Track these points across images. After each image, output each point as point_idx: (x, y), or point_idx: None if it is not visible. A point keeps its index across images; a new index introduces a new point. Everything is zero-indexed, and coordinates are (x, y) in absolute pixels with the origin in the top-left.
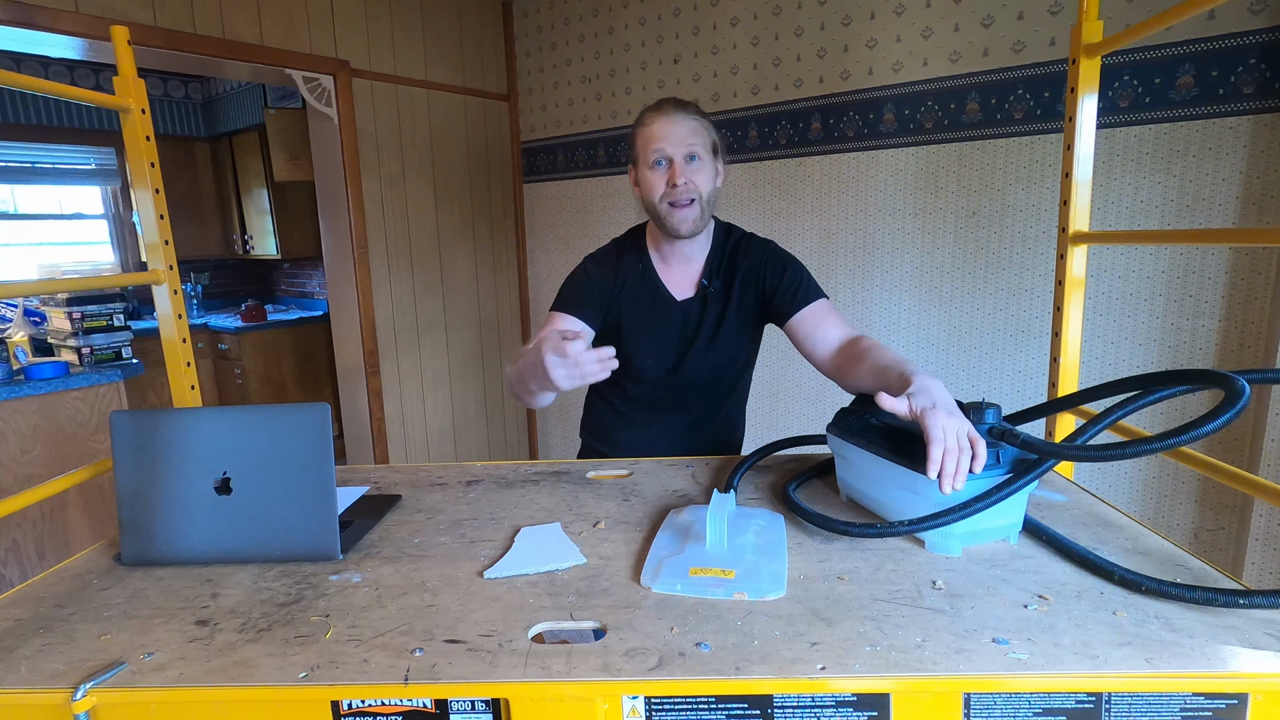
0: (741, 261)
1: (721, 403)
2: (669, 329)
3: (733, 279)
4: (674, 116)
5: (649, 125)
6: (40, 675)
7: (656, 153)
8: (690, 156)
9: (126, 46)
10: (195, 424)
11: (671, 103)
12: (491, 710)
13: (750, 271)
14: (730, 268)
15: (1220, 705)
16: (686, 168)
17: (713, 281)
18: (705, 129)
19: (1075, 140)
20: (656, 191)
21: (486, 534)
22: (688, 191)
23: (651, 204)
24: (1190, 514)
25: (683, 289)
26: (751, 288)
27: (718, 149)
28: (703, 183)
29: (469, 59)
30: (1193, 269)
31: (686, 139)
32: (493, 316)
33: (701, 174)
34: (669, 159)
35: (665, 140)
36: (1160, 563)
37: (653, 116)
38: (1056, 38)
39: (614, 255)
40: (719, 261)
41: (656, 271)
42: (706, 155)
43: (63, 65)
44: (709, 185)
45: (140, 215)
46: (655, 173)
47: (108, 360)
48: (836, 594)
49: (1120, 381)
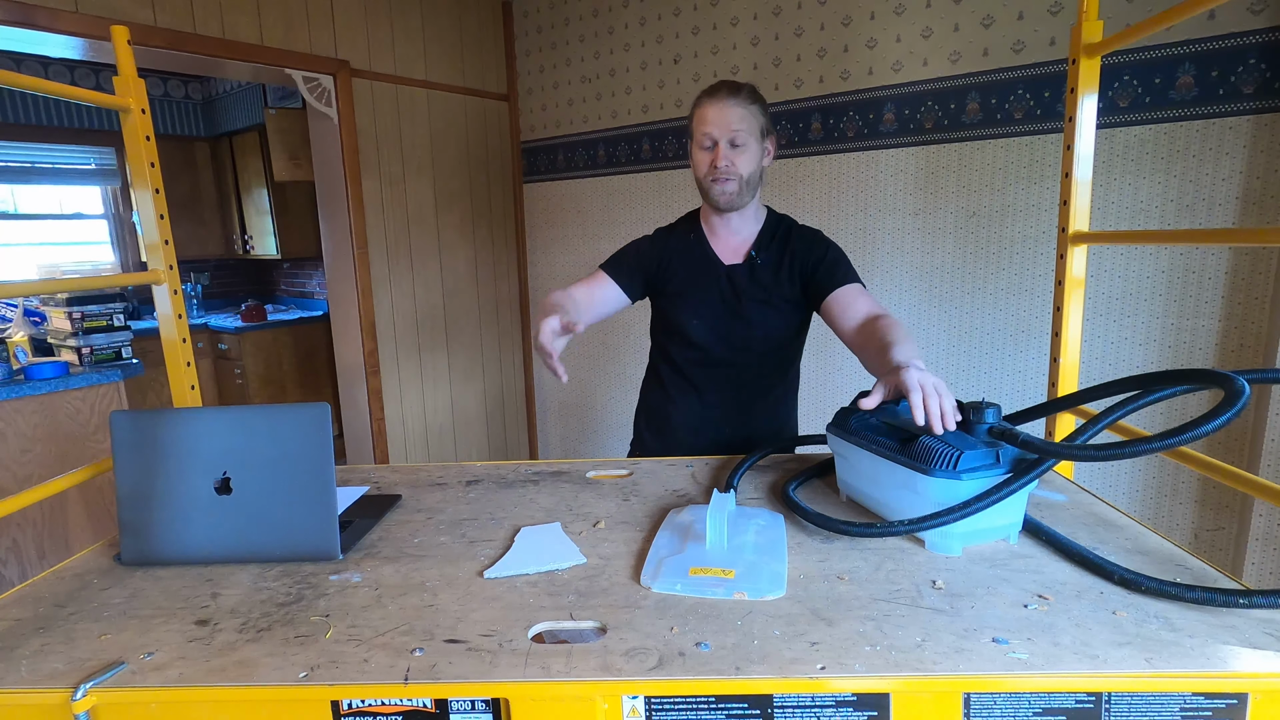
0: (791, 243)
1: (772, 386)
2: (714, 290)
3: (781, 257)
4: (725, 102)
5: (703, 107)
6: (40, 675)
7: (706, 136)
8: (734, 142)
9: (126, 46)
10: (195, 424)
11: (725, 88)
12: (491, 710)
13: (798, 252)
14: (781, 246)
15: (1220, 705)
16: (730, 151)
17: (761, 254)
18: (754, 114)
19: (1075, 140)
20: (702, 169)
21: (486, 534)
22: (728, 172)
23: (699, 178)
24: (1190, 514)
25: (731, 256)
26: (798, 267)
27: (767, 131)
28: (744, 165)
29: (469, 59)
30: (1193, 269)
31: (732, 125)
32: (493, 316)
33: (744, 156)
34: (715, 141)
35: (713, 124)
36: (1160, 563)
37: (707, 99)
38: (1056, 38)
39: (671, 228)
40: (769, 238)
41: (707, 239)
42: (752, 140)
43: (63, 65)
44: (750, 167)
45: (140, 215)
46: (703, 153)
47: (108, 360)
48: (836, 594)
49: (1120, 381)
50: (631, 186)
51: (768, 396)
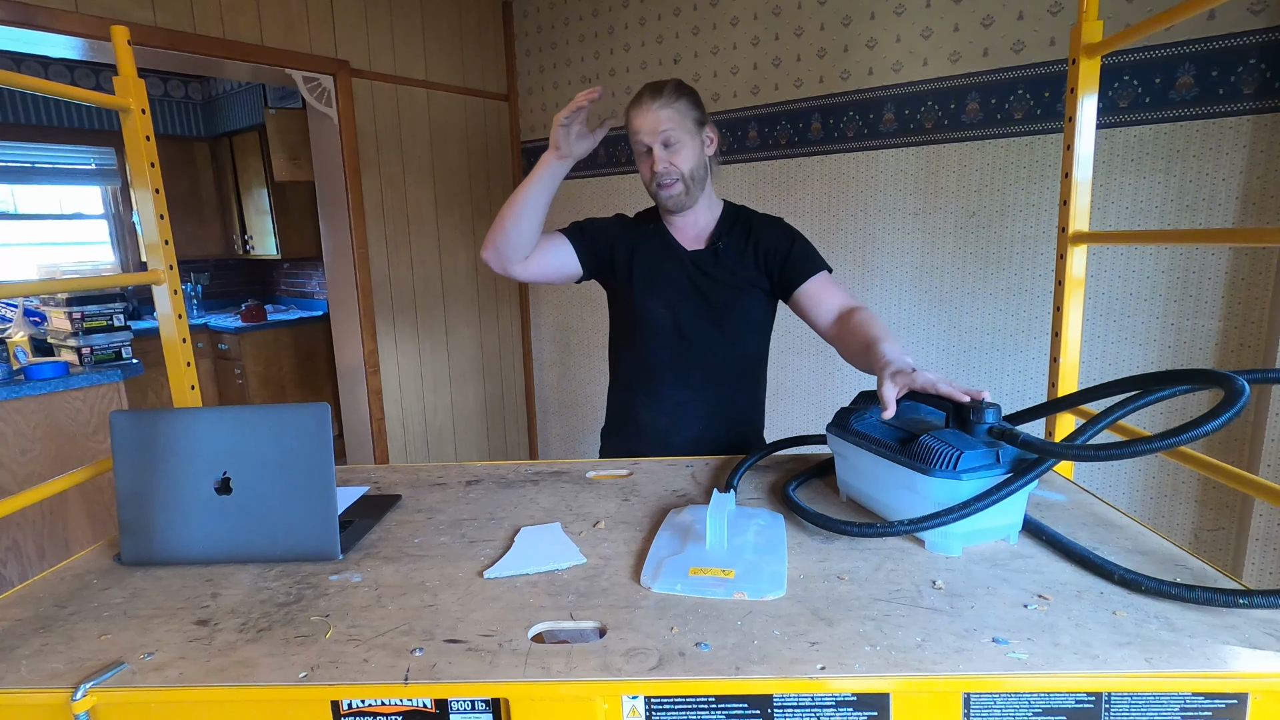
0: (754, 231)
1: (743, 374)
2: (680, 275)
3: (745, 244)
4: (649, 106)
5: (632, 117)
6: (40, 675)
7: (638, 143)
8: (666, 143)
9: (126, 46)
10: (195, 424)
11: (648, 91)
12: (491, 710)
13: (761, 240)
14: (743, 233)
15: (1220, 705)
16: (665, 152)
17: (723, 241)
18: (682, 110)
19: (1075, 140)
20: (645, 176)
21: (486, 534)
22: (669, 174)
23: (646, 186)
24: (1190, 514)
25: (693, 243)
26: (762, 256)
27: (701, 122)
28: (684, 162)
29: (469, 59)
30: (1193, 269)
31: (660, 127)
32: (493, 317)
33: (681, 154)
34: (649, 146)
35: (642, 130)
36: (1160, 563)
37: (633, 107)
38: (1056, 38)
39: (634, 219)
40: (730, 225)
41: (667, 230)
42: (685, 135)
43: (63, 65)
44: (691, 162)
45: (140, 215)
46: (643, 160)
47: (108, 360)
48: (836, 594)
49: (1120, 381)
50: (631, 186)
51: (738, 386)
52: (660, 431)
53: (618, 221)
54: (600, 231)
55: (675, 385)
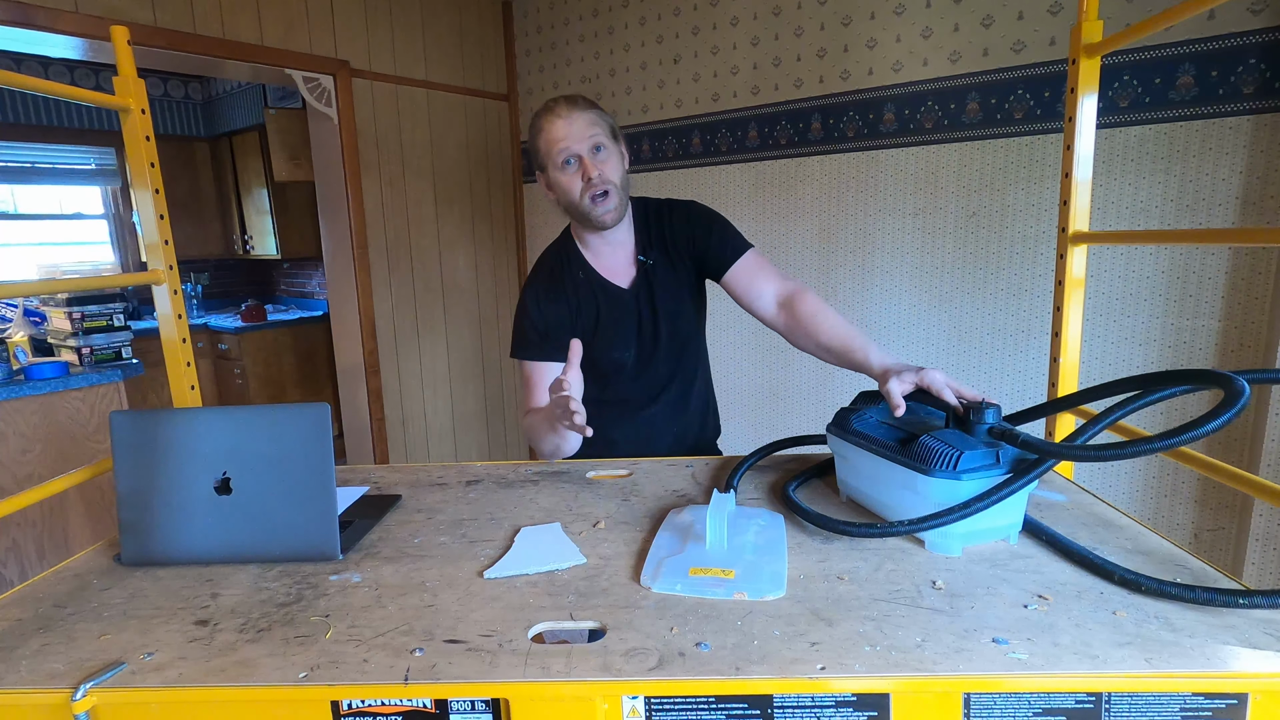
0: (668, 227)
1: (696, 370)
2: (628, 319)
3: (665, 246)
4: (569, 114)
5: (547, 129)
6: (40, 675)
7: (563, 152)
8: (596, 148)
9: (126, 46)
10: (195, 424)
11: (562, 101)
12: (491, 710)
13: (679, 233)
14: (660, 236)
15: (1220, 705)
16: (595, 159)
17: (649, 255)
18: (600, 117)
19: (1075, 140)
20: (574, 190)
21: (486, 534)
22: (603, 182)
23: (572, 203)
24: (1190, 514)
25: (624, 276)
26: (685, 249)
27: (617, 133)
28: (613, 171)
29: (469, 59)
30: (1193, 269)
31: (587, 132)
32: (493, 316)
33: (610, 162)
34: (577, 156)
35: (568, 138)
36: (1160, 563)
37: (548, 119)
38: (1056, 38)
39: (552, 279)
40: (648, 235)
41: (596, 270)
42: (610, 142)
43: (63, 65)
44: (619, 172)
45: (140, 215)
46: (567, 172)
47: (108, 360)
48: (836, 594)
49: (1120, 381)
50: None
51: (695, 382)
52: (638, 446)
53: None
54: (545, 328)
55: (644, 404)
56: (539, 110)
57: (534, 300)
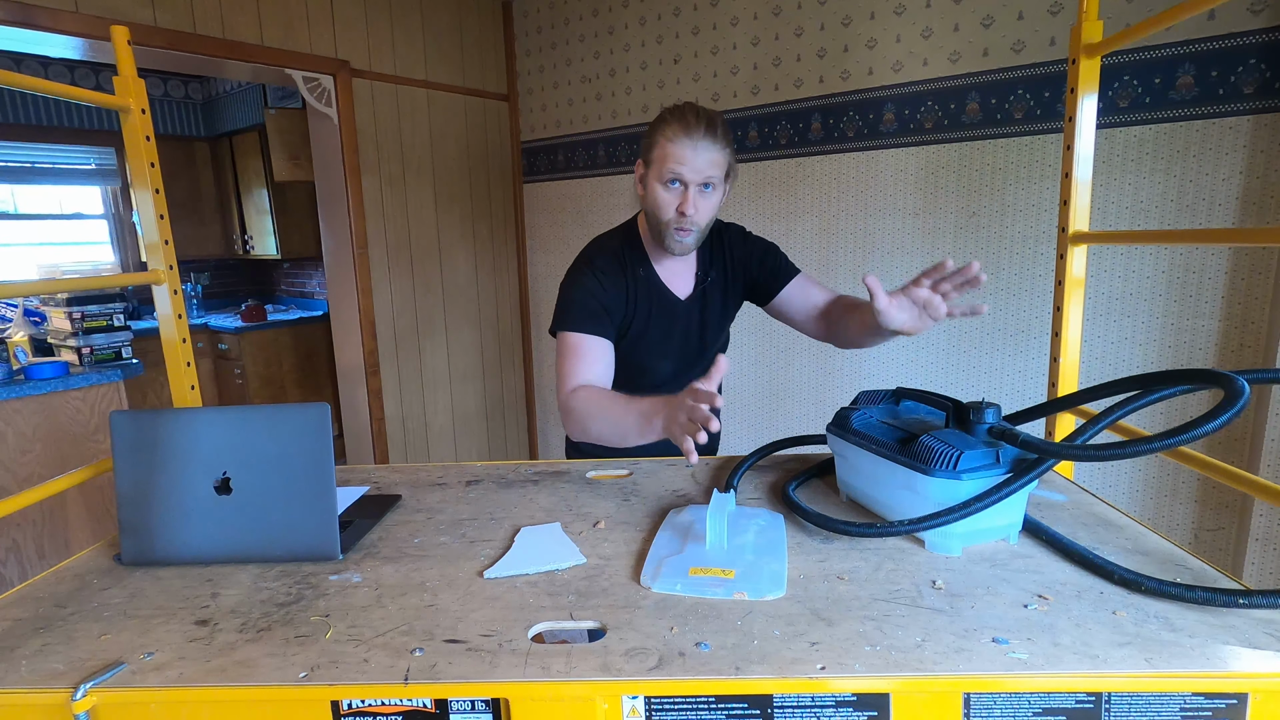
0: (730, 251)
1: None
2: (676, 329)
3: (724, 266)
4: (701, 142)
5: (673, 142)
6: (40, 675)
7: (673, 173)
8: (705, 185)
9: (126, 46)
10: (195, 424)
11: (703, 123)
12: (491, 710)
13: (739, 259)
14: (721, 257)
15: (1220, 705)
16: (699, 196)
17: (709, 274)
18: (726, 156)
19: (1075, 140)
20: (665, 210)
21: (486, 534)
22: (694, 222)
23: (656, 218)
24: (1190, 514)
25: (684, 288)
26: (740, 274)
27: (732, 170)
28: (706, 214)
29: (469, 59)
30: (1193, 269)
31: (705, 170)
32: (493, 316)
33: (709, 203)
34: (685, 183)
35: (685, 166)
36: (1160, 563)
37: (680, 133)
38: (1056, 38)
39: (619, 267)
40: (710, 253)
41: (657, 274)
42: (720, 183)
43: (63, 65)
44: (712, 214)
45: (140, 215)
46: (669, 191)
47: (108, 360)
48: (836, 594)
49: (1120, 381)
50: (631, 187)
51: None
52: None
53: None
54: (604, 302)
55: None
56: (674, 112)
57: (597, 276)
